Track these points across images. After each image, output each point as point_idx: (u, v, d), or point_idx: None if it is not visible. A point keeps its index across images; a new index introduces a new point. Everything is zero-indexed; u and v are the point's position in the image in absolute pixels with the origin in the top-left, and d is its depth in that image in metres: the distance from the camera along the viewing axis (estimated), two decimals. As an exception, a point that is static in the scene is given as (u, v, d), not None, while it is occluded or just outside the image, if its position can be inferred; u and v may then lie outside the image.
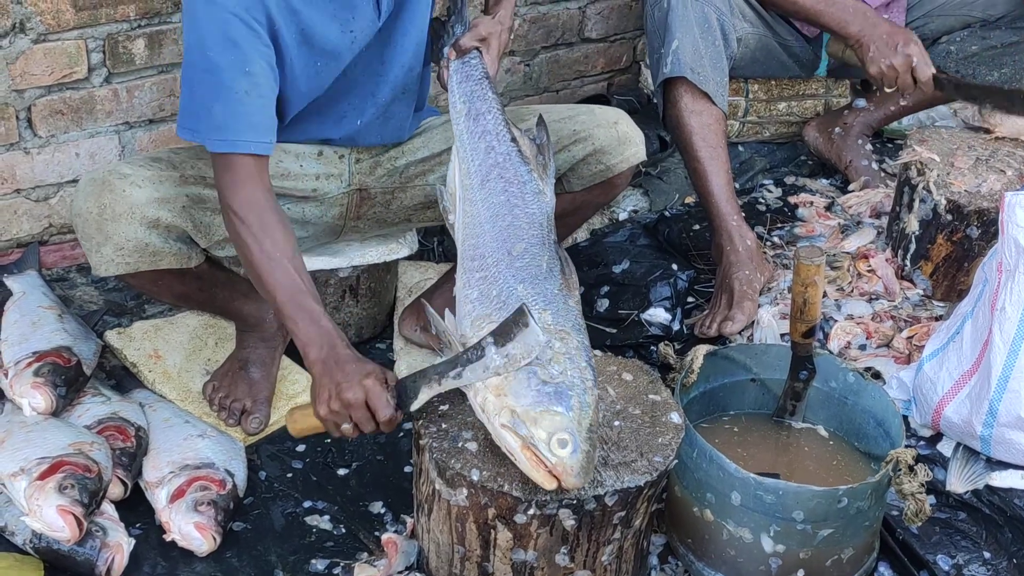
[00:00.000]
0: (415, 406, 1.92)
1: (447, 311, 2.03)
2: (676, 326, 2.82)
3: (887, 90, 2.90)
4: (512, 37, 2.38)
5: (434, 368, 1.91)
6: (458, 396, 1.98)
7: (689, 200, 3.33)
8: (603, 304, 2.87)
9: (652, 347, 2.73)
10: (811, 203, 3.32)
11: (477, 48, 2.32)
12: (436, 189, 2.23)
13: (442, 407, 1.98)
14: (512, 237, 2.03)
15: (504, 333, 1.83)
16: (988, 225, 2.70)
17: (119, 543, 2.08)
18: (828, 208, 3.29)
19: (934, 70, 2.82)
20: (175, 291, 2.33)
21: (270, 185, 2.11)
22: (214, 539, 2.13)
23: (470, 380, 1.85)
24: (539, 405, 1.78)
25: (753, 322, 2.76)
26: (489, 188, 2.11)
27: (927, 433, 2.53)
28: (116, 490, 2.19)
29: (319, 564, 2.15)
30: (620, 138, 2.45)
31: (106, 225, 2.14)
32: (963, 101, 2.97)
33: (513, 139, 2.18)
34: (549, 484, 1.78)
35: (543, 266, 1.98)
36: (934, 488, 2.36)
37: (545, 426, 1.77)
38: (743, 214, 2.95)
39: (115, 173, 2.17)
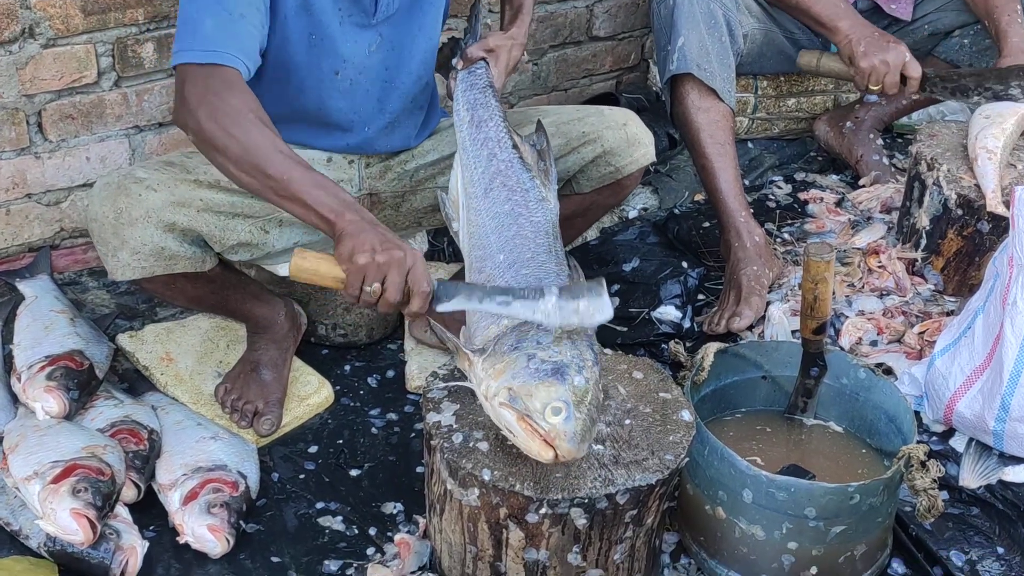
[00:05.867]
0: (445, 307, 1.86)
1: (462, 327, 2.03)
2: (687, 324, 2.82)
3: (871, 88, 2.86)
4: (524, 55, 2.39)
5: (482, 286, 1.89)
6: (470, 396, 1.99)
7: (698, 197, 3.32)
8: (613, 302, 2.85)
9: (663, 345, 2.73)
10: (821, 199, 3.31)
11: (484, 59, 2.34)
12: (439, 196, 2.22)
13: (454, 407, 1.99)
14: (518, 247, 2.03)
15: (572, 291, 1.83)
16: (999, 220, 2.69)
17: (133, 546, 2.09)
18: (838, 204, 3.29)
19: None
20: (188, 294, 2.34)
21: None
22: (227, 541, 2.13)
23: (516, 313, 1.83)
24: (535, 379, 1.79)
25: (763, 319, 2.76)
26: (493, 197, 2.11)
27: (939, 429, 2.52)
28: (129, 493, 2.19)
29: (332, 565, 2.16)
30: (629, 139, 2.45)
31: (122, 229, 2.14)
32: (954, 99, 2.91)
33: (514, 146, 2.18)
34: (546, 454, 1.77)
35: (551, 274, 1.98)
36: (947, 484, 2.35)
37: (540, 397, 1.77)
38: (751, 210, 2.94)
39: (130, 177, 2.17)
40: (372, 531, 2.24)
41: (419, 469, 2.38)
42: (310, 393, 2.54)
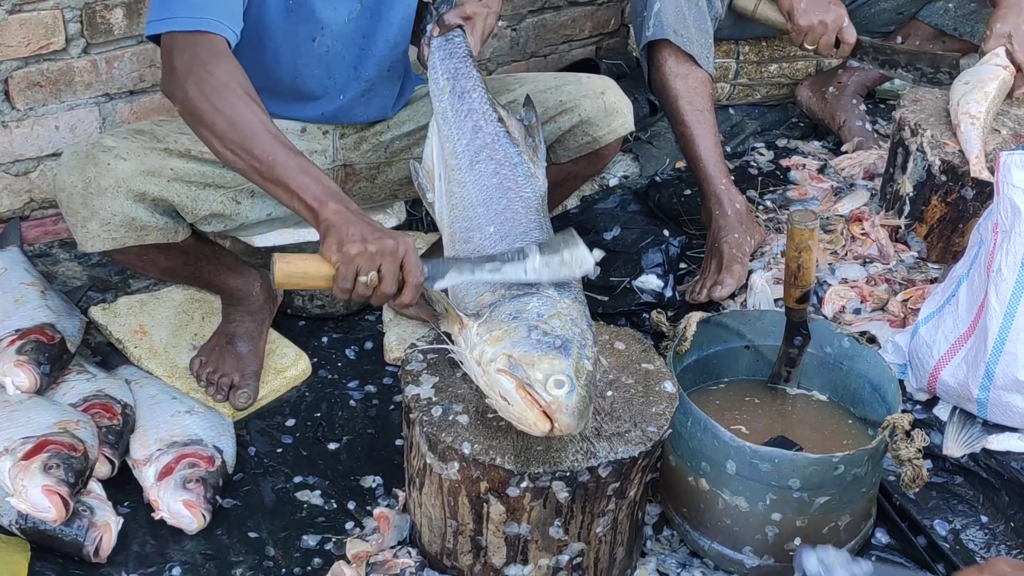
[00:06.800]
0: (440, 285, 1.85)
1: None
2: (668, 293, 2.79)
3: (806, 47, 2.89)
4: (499, 23, 2.34)
5: (468, 258, 1.89)
6: (448, 368, 1.96)
7: (680, 165, 3.29)
8: (594, 271, 2.83)
9: (644, 314, 2.70)
10: (803, 166, 3.28)
11: (461, 26, 2.29)
12: (411, 166, 2.19)
13: (433, 379, 1.95)
14: (508, 220, 2.00)
15: (551, 246, 1.85)
16: (983, 186, 2.67)
17: (107, 522, 2.06)
18: (820, 171, 3.26)
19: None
20: (161, 266, 2.29)
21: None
22: (203, 517, 2.11)
23: (508, 277, 1.84)
24: (538, 350, 1.77)
25: (746, 287, 2.73)
26: (479, 170, 2.07)
27: (923, 397, 2.51)
28: (103, 468, 2.16)
29: (310, 540, 2.14)
30: (607, 109, 2.41)
31: (92, 199, 2.09)
32: (882, 70, 2.99)
33: (500, 119, 2.15)
34: (543, 424, 1.75)
35: None
36: (931, 452, 2.34)
37: (543, 368, 1.75)
38: (732, 177, 2.92)
39: (99, 146, 2.12)
40: (351, 505, 2.21)
41: (398, 442, 2.35)
42: (287, 365, 2.51)
